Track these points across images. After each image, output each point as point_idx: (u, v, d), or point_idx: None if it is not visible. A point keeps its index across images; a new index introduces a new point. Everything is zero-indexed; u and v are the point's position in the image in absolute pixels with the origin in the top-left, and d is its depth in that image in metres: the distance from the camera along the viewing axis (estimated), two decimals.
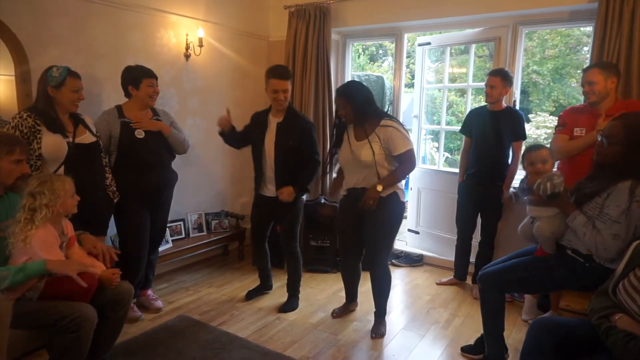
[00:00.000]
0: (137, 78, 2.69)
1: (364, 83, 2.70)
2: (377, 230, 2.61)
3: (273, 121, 2.89)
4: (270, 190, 2.96)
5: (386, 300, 2.80)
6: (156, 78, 2.77)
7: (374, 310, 2.82)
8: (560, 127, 2.77)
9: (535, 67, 8.46)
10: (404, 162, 2.54)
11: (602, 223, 1.92)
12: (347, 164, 2.67)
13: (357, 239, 2.76)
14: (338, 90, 2.63)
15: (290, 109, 2.91)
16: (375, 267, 2.71)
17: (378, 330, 2.76)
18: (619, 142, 1.90)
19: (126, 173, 2.69)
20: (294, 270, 3.14)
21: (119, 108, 2.75)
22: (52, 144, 2.28)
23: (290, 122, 2.87)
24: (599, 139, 2.02)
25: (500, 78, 3.09)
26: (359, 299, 3.23)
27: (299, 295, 3.19)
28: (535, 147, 2.30)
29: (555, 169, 2.34)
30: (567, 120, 2.76)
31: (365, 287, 3.47)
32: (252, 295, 3.25)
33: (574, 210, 2.04)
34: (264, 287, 3.32)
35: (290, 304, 3.10)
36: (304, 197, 3.09)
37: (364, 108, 2.55)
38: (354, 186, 2.67)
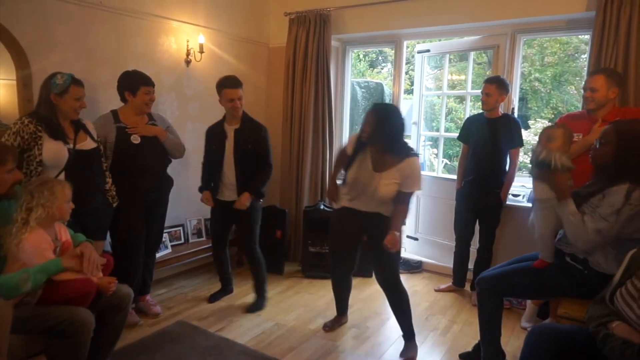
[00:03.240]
0: (134, 84, 2.71)
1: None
2: (386, 252, 2.48)
3: (230, 129, 3.03)
4: (228, 195, 3.07)
5: (410, 319, 2.64)
6: (153, 85, 2.78)
7: (402, 333, 2.66)
8: None
9: (537, 75, 8.51)
10: (407, 201, 2.46)
11: (590, 217, 1.95)
12: (356, 185, 2.52)
13: (353, 252, 2.76)
14: (375, 109, 2.46)
15: (244, 116, 3.06)
16: (393, 287, 2.60)
17: (407, 353, 2.59)
18: (609, 143, 1.97)
19: (122, 178, 2.70)
20: (257, 273, 3.20)
21: (114, 113, 2.76)
22: (53, 150, 2.29)
23: (247, 127, 3.03)
24: (594, 143, 2.07)
25: (495, 85, 3.11)
26: (358, 305, 3.24)
27: (266, 295, 3.25)
28: (549, 127, 2.31)
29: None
30: (562, 119, 2.79)
31: (365, 293, 3.48)
32: (215, 297, 3.31)
33: (568, 197, 2.03)
34: (226, 291, 3.40)
35: (256, 305, 3.17)
36: (261, 200, 3.16)
37: (393, 140, 2.41)
38: (360, 209, 2.55)
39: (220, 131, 3.05)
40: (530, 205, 3.43)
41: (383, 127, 2.37)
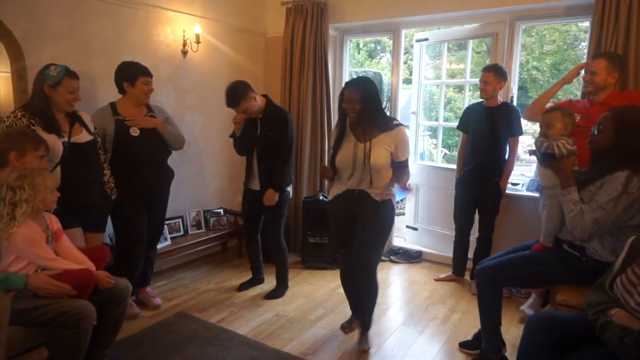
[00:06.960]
0: (133, 75, 2.68)
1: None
2: (368, 234, 2.46)
3: (257, 118, 3.07)
4: (255, 184, 3.12)
5: (372, 312, 2.60)
6: (151, 76, 2.76)
7: (359, 322, 2.63)
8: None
9: (534, 64, 8.47)
10: (405, 167, 2.49)
11: (588, 207, 1.95)
12: (345, 164, 2.48)
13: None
14: (350, 83, 2.45)
15: (268, 104, 3.08)
16: (364, 272, 2.48)
17: (363, 343, 2.57)
18: (607, 130, 1.99)
19: (122, 171, 2.68)
20: (281, 263, 3.29)
21: (112, 105, 2.74)
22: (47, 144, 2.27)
23: (268, 115, 3.05)
24: (592, 129, 2.06)
25: (493, 73, 3.10)
26: None
27: (288, 284, 3.33)
28: (547, 110, 2.32)
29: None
30: (561, 104, 2.84)
31: None
32: (245, 287, 3.37)
33: (571, 185, 2.04)
34: (256, 280, 3.43)
35: (276, 291, 3.26)
36: (289, 188, 3.18)
37: (378, 109, 2.42)
38: (350, 187, 2.51)
39: (253, 118, 3.06)
40: (531, 194, 3.44)
41: (368, 99, 2.37)
